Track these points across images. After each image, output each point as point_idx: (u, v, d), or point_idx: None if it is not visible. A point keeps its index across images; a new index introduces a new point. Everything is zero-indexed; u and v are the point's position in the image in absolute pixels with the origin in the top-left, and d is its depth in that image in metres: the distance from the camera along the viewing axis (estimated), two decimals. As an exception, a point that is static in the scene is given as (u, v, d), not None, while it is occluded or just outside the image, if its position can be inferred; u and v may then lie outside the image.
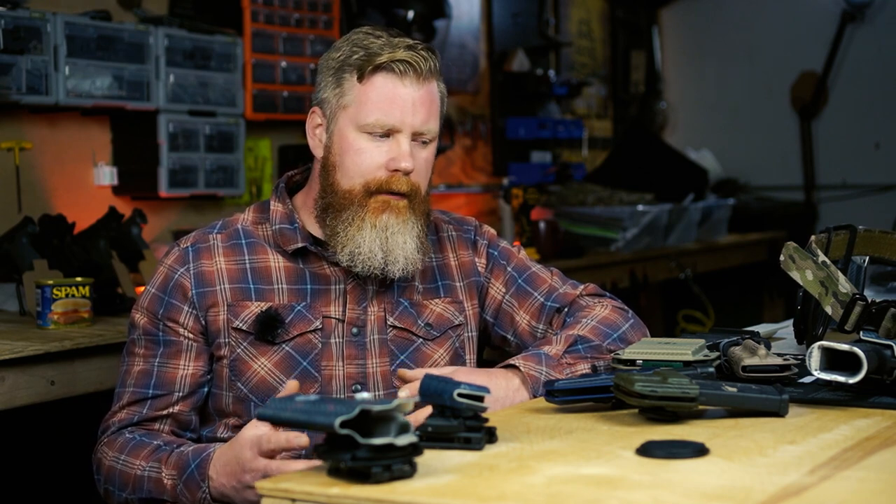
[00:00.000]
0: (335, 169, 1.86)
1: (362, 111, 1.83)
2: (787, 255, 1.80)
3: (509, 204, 4.34)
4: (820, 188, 6.00)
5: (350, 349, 1.87)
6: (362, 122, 1.83)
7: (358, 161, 1.84)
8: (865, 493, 1.19)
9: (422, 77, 1.84)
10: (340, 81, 1.85)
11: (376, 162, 1.84)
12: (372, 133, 1.83)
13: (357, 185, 1.84)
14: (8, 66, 2.93)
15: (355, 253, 1.83)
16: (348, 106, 1.85)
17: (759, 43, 6.13)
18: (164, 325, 1.85)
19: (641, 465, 1.29)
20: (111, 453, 1.81)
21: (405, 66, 1.83)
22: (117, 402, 1.86)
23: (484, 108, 5.15)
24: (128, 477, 1.78)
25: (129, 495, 1.79)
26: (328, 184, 1.86)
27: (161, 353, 1.85)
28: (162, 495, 1.75)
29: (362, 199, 1.84)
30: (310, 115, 1.91)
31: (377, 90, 1.83)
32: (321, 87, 1.89)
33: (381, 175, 1.84)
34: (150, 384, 1.84)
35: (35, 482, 2.99)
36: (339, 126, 1.85)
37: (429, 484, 1.23)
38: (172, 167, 3.39)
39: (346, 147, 1.85)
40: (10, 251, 2.84)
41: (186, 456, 1.74)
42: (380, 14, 4.34)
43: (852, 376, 1.59)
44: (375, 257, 1.83)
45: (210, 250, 1.89)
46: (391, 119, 1.83)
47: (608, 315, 1.94)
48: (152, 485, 1.76)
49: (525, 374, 1.78)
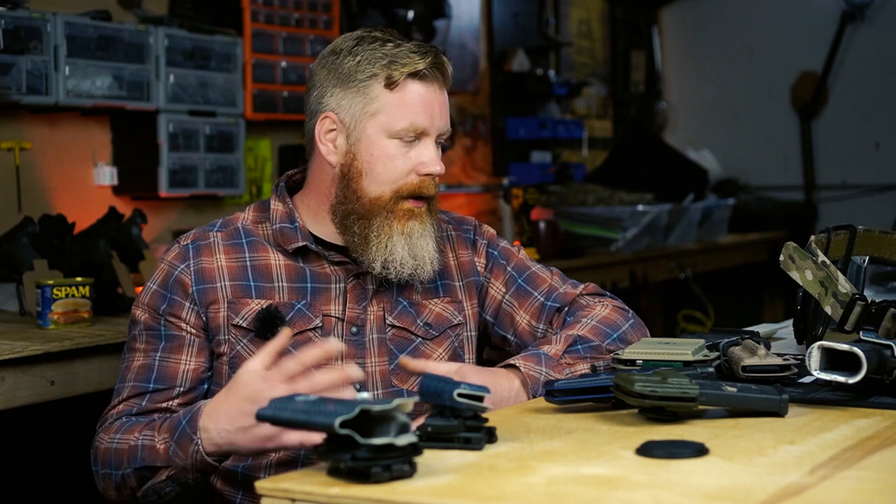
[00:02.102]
0: (361, 176, 1.86)
1: (395, 117, 1.84)
2: (787, 255, 1.80)
3: (509, 204, 4.34)
4: (820, 188, 6.00)
5: (349, 348, 1.87)
6: (395, 127, 1.84)
7: (390, 167, 1.85)
8: (865, 493, 1.19)
9: (445, 81, 1.89)
10: (365, 89, 1.85)
11: (407, 167, 1.86)
12: (403, 138, 1.85)
13: (387, 191, 1.85)
14: (8, 66, 2.93)
15: (388, 261, 1.85)
16: (377, 113, 1.85)
17: (759, 43, 6.13)
18: (165, 319, 1.85)
19: (641, 465, 1.29)
20: (107, 437, 1.80)
21: (436, 73, 1.87)
22: (117, 396, 1.86)
23: (484, 108, 5.15)
24: (122, 452, 1.76)
25: (124, 470, 1.76)
26: (350, 191, 1.87)
27: (163, 348, 1.85)
28: (156, 461, 1.72)
29: (391, 206, 1.85)
30: (320, 120, 1.89)
31: (409, 96, 1.85)
32: (325, 93, 1.88)
33: (413, 180, 1.86)
34: (151, 378, 1.84)
35: (35, 482, 2.99)
36: (367, 134, 1.86)
37: (429, 484, 1.23)
38: (172, 167, 3.39)
39: (378, 154, 1.85)
40: (10, 251, 2.84)
41: (178, 416, 1.71)
42: (380, 14, 4.34)
43: (852, 376, 1.59)
44: (407, 264, 1.86)
45: (210, 247, 1.89)
46: (423, 123, 1.85)
47: (608, 315, 1.95)
48: (146, 452, 1.73)
49: (525, 374, 1.79)
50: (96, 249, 2.92)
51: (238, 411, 1.59)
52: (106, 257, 2.91)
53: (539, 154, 5.30)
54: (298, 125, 3.98)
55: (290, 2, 3.78)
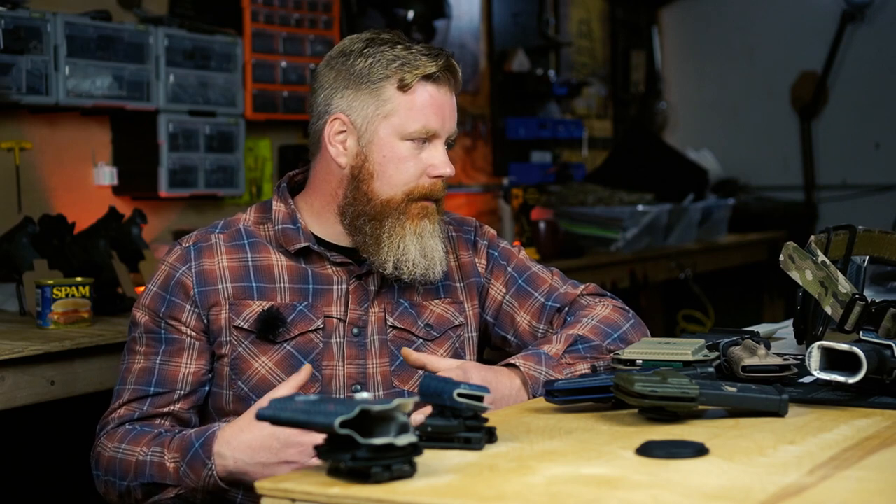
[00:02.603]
0: (372, 177, 1.86)
1: (408, 119, 1.85)
2: (787, 255, 1.80)
3: (509, 204, 4.33)
4: (820, 188, 6.00)
5: (350, 349, 1.87)
6: (408, 129, 1.85)
7: (402, 169, 1.86)
8: (865, 493, 1.19)
9: (457, 84, 1.90)
10: (378, 91, 1.85)
11: (419, 170, 1.87)
12: (415, 140, 1.86)
13: (399, 193, 1.86)
14: (8, 66, 2.93)
15: (401, 261, 1.86)
16: (391, 115, 1.85)
17: (759, 43, 6.13)
18: (166, 322, 1.85)
19: (641, 465, 1.29)
20: (111, 445, 1.80)
21: (446, 75, 1.87)
22: (117, 399, 1.86)
23: (484, 108, 5.15)
24: (128, 464, 1.76)
25: (130, 482, 1.76)
26: (361, 192, 1.87)
27: (163, 351, 1.85)
28: (164, 479, 1.73)
29: (403, 207, 1.86)
30: (329, 122, 1.88)
31: (422, 98, 1.85)
32: (335, 94, 1.87)
33: (425, 182, 1.88)
34: (152, 382, 1.84)
35: (35, 482, 2.99)
36: (379, 135, 1.86)
37: (429, 484, 1.23)
38: (172, 167, 3.39)
39: (390, 156, 1.86)
40: (10, 251, 2.85)
41: (189, 437, 1.72)
42: (380, 14, 4.34)
43: (852, 376, 1.59)
44: (419, 264, 1.86)
45: (212, 249, 1.89)
46: (435, 125, 1.86)
47: (609, 315, 1.95)
48: (155, 469, 1.74)
49: (525, 373, 1.79)
50: (96, 249, 2.92)
51: (262, 445, 1.62)
52: (106, 257, 2.91)
53: (539, 154, 5.30)
54: (299, 125, 3.99)
55: (290, 2, 3.77)
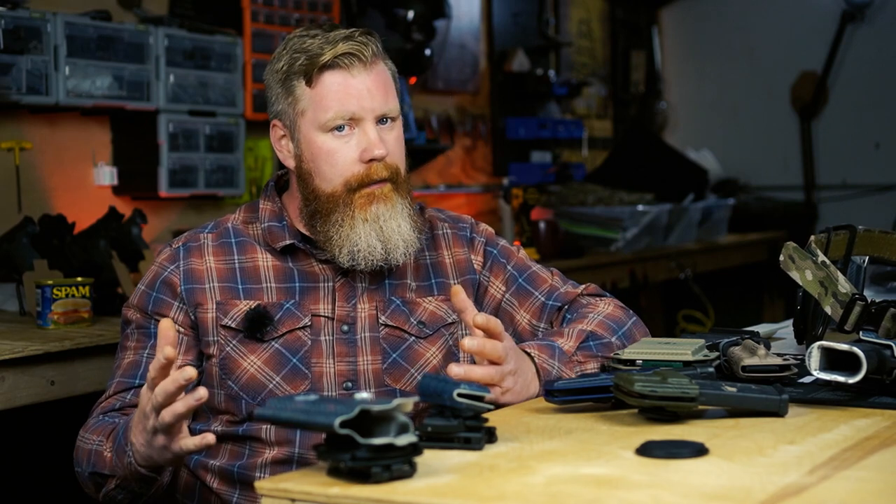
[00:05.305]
0: (311, 176, 1.87)
1: (319, 112, 1.84)
2: (787, 255, 1.80)
3: (509, 204, 4.34)
4: (820, 188, 6.00)
5: (340, 346, 1.87)
6: (322, 120, 1.84)
7: (332, 162, 1.85)
8: (865, 493, 1.19)
9: (368, 63, 1.85)
10: (291, 90, 1.86)
11: (350, 158, 1.84)
12: (336, 129, 1.84)
13: (338, 185, 1.85)
14: (8, 66, 2.93)
15: (355, 251, 1.84)
16: (305, 111, 1.86)
17: (759, 43, 6.13)
18: (154, 319, 1.87)
19: (641, 465, 1.29)
20: (83, 434, 1.83)
21: (349, 59, 1.84)
22: (105, 392, 1.89)
23: (484, 108, 5.15)
24: (84, 453, 1.79)
25: (83, 470, 1.79)
26: (308, 191, 1.87)
27: (151, 345, 1.86)
28: (104, 469, 1.75)
29: (347, 198, 1.85)
30: (272, 128, 1.92)
31: (328, 88, 1.84)
32: (274, 99, 1.90)
33: (359, 169, 1.85)
34: (138, 374, 1.85)
35: (35, 482, 2.99)
36: (302, 133, 1.87)
37: (429, 484, 1.23)
38: (172, 167, 3.39)
39: (317, 151, 1.85)
40: (10, 251, 2.85)
41: (120, 426, 1.74)
42: (380, 14, 4.34)
43: (852, 376, 1.59)
44: (375, 250, 1.84)
45: (200, 249, 1.90)
46: (350, 108, 1.83)
47: (612, 311, 1.96)
48: (96, 458, 1.76)
49: (539, 365, 1.78)
50: (96, 249, 2.92)
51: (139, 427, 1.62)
52: (106, 257, 2.91)
53: (539, 154, 5.30)
54: (298, 125, 3.99)
55: (290, 2, 3.78)
